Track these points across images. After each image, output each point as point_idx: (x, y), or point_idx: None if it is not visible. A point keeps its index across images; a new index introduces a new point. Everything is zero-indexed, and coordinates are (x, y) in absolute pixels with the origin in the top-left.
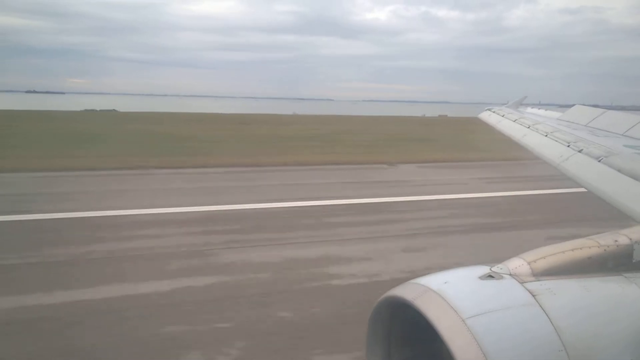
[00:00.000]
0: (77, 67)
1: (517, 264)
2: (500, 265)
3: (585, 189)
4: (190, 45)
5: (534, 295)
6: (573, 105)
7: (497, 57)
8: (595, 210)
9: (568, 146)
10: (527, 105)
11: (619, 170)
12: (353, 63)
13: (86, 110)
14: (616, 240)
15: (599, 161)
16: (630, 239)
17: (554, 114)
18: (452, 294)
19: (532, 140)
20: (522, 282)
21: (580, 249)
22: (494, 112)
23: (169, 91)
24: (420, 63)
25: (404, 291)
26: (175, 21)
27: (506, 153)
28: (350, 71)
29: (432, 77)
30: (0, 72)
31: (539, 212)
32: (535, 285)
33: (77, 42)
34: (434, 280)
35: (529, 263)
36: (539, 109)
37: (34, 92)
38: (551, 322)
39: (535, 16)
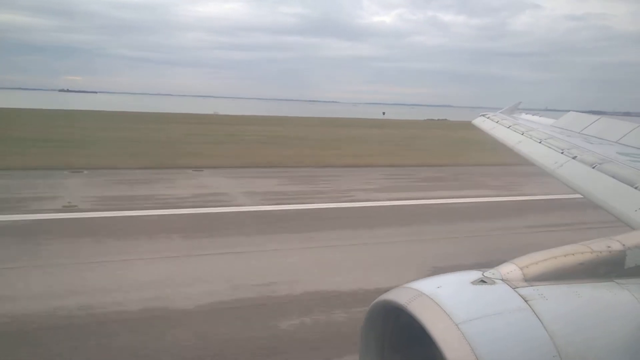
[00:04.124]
0: (81, 65)
1: (509, 269)
2: (492, 270)
3: (580, 195)
4: (195, 45)
5: (526, 301)
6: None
7: (502, 61)
8: None
9: (562, 153)
10: (522, 110)
11: (613, 177)
12: (356, 65)
13: (428, 120)
14: (609, 247)
15: (593, 168)
16: (624, 245)
17: (548, 120)
18: (446, 298)
19: (526, 147)
20: (514, 288)
21: (573, 254)
22: (488, 118)
23: (173, 91)
24: (424, 66)
25: (396, 295)
26: (181, 21)
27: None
28: (352, 73)
29: (436, 80)
30: (9, 69)
31: None
32: (527, 291)
33: (82, 40)
34: (426, 285)
35: (521, 268)
36: (533, 115)
37: (68, 91)
38: (544, 327)
39: (540, 22)
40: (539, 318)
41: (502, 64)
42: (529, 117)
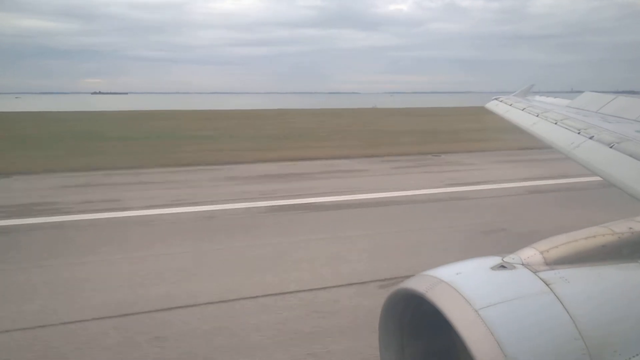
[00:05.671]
0: (103, 67)
1: (530, 253)
2: (512, 255)
3: (597, 175)
4: (215, 42)
5: (548, 284)
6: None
7: (522, 44)
8: None
9: (579, 133)
10: (536, 93)
11: (632, 156)
12: (374, 55)
13: None
14: (631, 228)
15: (611, 147)
16: None
17: (563, 101)
18: (465, 285)
19: (541, 128)
20: (535, 272)
21: (594, 237)
22: (501, 101)
23: (194, 89)
24: (443, 53)
25: (415, 283)
26: (200, 19)
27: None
28: (370, 64)
29: (455, 67)
30: (33, 74)
31: None
32: (549, 274)
33: (103, 42)
34: (445, 272)
35: (541, 252)
36: (547, 96)
37: (99, 93)
38: (567, 310)
39: (561, 3)
40: (561, 302)
41: (522, 47)
42: (543, 98)
